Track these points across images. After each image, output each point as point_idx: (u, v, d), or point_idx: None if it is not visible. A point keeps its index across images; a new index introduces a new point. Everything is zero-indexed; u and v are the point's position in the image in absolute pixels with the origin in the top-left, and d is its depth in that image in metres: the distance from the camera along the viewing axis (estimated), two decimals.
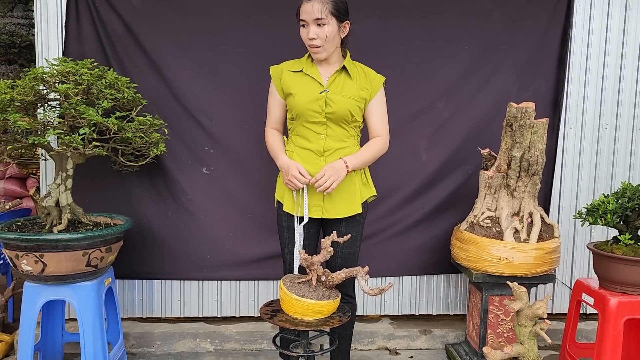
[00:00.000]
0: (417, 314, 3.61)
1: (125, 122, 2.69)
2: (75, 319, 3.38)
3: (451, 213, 3.46)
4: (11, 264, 2.66)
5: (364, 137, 2.69)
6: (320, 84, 2.50)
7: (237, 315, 3.50)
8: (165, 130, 2.94)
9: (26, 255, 2.58)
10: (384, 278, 3.52)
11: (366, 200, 2.65)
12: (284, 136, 2.73)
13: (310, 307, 2.24)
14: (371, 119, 2.58)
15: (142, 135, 2.70)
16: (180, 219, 3.39)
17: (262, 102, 3.33)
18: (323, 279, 2.33)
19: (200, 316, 3.49)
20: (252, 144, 3.37)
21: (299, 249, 2.53)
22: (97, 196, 3.28)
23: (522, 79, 3.44)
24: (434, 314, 3.61)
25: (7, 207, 3.50)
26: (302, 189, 2.47)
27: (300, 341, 2.34)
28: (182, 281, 3.46)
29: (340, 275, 2.33)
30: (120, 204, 3.32)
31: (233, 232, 3.42)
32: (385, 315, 3.61)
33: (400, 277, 3.54)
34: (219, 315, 3.50)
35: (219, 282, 3.47)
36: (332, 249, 2.30)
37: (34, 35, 5.94)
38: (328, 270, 2.35)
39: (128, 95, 2.75)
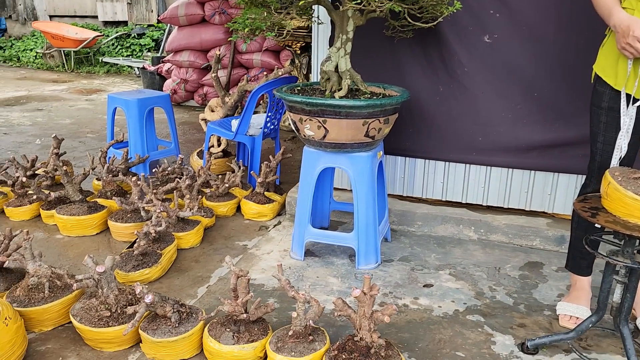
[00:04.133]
0: None
1: None
2: (341, 189, 3.42)
3: None
4: (294, 128, 2.67)
5: None
6: None
7: (505, 206, 3.15)
8: None
9: (310, 120, 2.53)
10: None
11: None
12: None
13: None
14: None
15: None
16: (453, 94, 3.04)
17: None
18: None
19: (463, 202, 3.23)
20: (548, 6, 2.75)
21: (624, 138, 1.99)
22: (365, 64, 3.08)
23: None
24: None
25: (280, 73, 3.56)
26: None
27: (623, 249, 1.89)
28: (447, 163, 3.19)
29: None
30: (389, 74, 3.10)
31: (512, 113, 2.96)
32: None
33: None
34: (483, 204, 3.19)
35: (488, 167, 3.12)
36: None
37: None
38: None
39: None
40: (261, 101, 5.87)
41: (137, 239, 2.80)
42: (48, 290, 2.20)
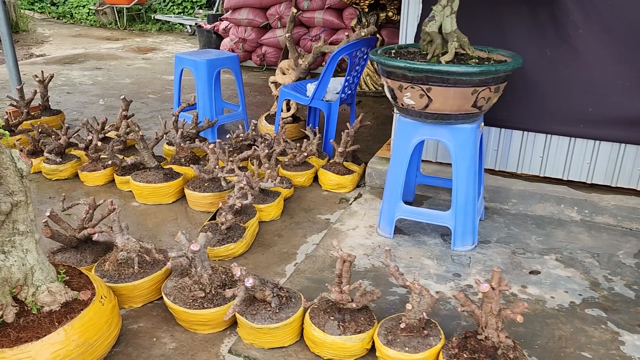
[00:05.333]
0: None
1: None
2: (426, 161, 3.19)
3: None
4: (389, 96, 2.43)
5: None
6: None
7: (613, 185, 2.86)
8: None
9: (411, 88, 2.29)
10: None
11: None
12: None
13: None
14: None
15: None
16: (562, 59, 2.73)
17: None
18: None
19: (564, 179, 2.95)
20: None
21: None
22: (462, 24, 2.77)
23: None
24: None
25: (362, 34, 3.30)
26: None
27: None
28: (548, 135, 2.90)
29: None
30: (488, 35, 2.79)
31: (631, 81, 2.63)
32: None
33: None
34: (587, 181, 2.91)
35: (597, 142, 2.81)
36: None
37: None
38: None
39: None
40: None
41: (218, 210, 2.67)
42: (137, 265, 2.10)
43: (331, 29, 6.18)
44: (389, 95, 2.46)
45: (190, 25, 9.70)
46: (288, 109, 4.07)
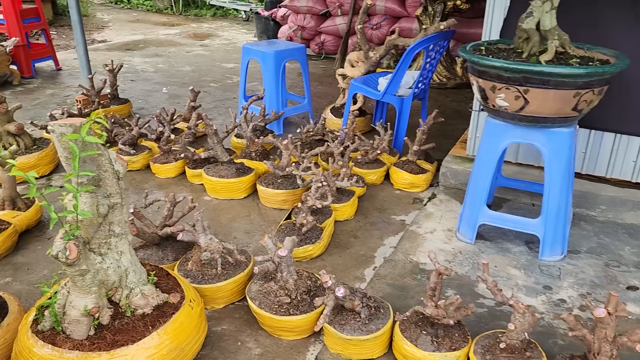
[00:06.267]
0: None
1: None
2: (507, 162, 3.04)
3: None
4: (479, 96, 2.30)
5: None
6: None
7: None
8: None
9: (506, 89, 2.15)
10: None
11: None
12: None
13: None
14: None
15: None
16: None
17: None
18: None
19: None
20: None
21: None
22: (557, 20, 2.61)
23: None
24: None
25: (442, 27, 3.15)
26: None
27: None
28: None
29: None
30: (584, 31, 2.60)
31: None
32: None
33: None
34: None
35: None
36: None
37: None
38: None
39: None
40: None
41: (293, 209, 2.62)
42: (220, 266, 2.07)
43: (393, 17, 6.02)
44: (478, 96, 2.33)
45: (244, 11, 9.69)
46: (354, 102, 3.97)
